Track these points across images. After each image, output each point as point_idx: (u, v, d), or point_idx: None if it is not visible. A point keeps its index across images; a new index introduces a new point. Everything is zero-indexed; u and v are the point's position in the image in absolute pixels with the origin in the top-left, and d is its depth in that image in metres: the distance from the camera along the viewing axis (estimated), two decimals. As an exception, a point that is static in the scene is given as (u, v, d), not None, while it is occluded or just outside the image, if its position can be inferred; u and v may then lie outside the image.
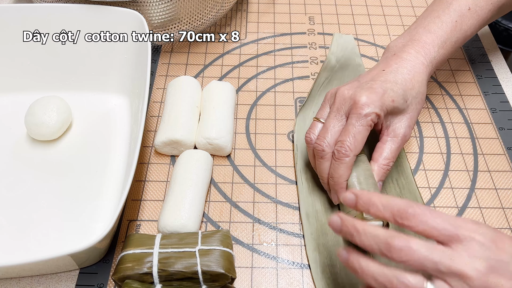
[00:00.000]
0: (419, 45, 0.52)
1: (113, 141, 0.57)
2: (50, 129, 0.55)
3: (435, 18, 0.54)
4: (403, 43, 0.53)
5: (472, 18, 0.54)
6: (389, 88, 0.48)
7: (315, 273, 0.46)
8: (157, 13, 0.61)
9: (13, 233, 0.49)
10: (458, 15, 0.53)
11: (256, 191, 0.54)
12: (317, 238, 0.49)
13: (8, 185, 0.53)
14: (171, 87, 0.60)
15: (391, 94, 0.48)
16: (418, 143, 0.59)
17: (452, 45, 0.53)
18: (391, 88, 0.48)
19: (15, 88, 0.61)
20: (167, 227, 0.47)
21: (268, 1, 0.79)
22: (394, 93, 0.48)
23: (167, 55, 0.69)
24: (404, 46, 0.52)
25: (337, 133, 0.48)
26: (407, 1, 0.79)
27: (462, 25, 0.53)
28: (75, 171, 0.54)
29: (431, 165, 0.56)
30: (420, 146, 0.58)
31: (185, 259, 0.44)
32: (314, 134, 0.49)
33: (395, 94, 0.48)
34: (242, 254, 0.49)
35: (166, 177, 0.55)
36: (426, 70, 0.51)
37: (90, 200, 0.51)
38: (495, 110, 0.62)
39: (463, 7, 0.54)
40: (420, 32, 0.53)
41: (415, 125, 0.51)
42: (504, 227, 0.51)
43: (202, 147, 0.55)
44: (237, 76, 0.66)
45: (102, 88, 0.62)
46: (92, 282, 0.46)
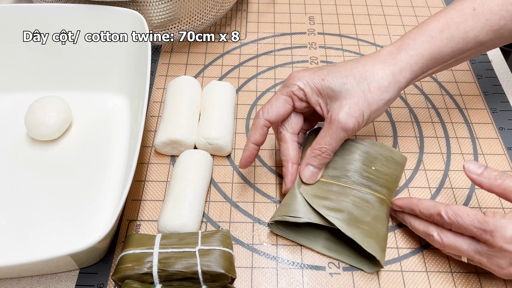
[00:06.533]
0: (402, 38, 0.49)
1: (113, 141, 0.57)
2: (50, 129, 0.55)
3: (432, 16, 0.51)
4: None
5: (476, 19, 0.48)
6: (326, 68, 0.48)
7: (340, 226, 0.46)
8: (157, 13, 0.61)
9: (13, 233, 0.49)
10: (458, 14, 0.49)
11: (256, 191, 0.54)
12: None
13: (8, 185, 0.53)
14: (171, 87, 0.60)
15: (324, 73, 0.47)
16: (418, 143, 0.59)
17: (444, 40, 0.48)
18: (329, 69, 0.48)
19: (15, 88, 0.61)
20: (167, 227, 0.47)
21: (268, 1, 0.79)
22: (327, 72, 0.47)
23: (167, 55, 0.69)
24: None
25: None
26: (407, 1, 0.79)
27: (461, 24, 0.48)
28: (75, 171, 0.54)
29: (431, 165, 0.56)
30: (420, 146, 0.58)
31: (185, 259, 0.44)
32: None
33: (328, 73, 0.47)
34: (242, 254, 0.49)
35: (166, 177, 0.55)
36: (387, 59, 0.47)
37: (90, 200, 0.51)
38: (495, 110, 0.62)
39: (466, 6, 0.49)
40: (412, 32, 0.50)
41: (364, 117, 0.46)
42: (504, 227, 0.51)
43: (202, 147, 0.55)
44: (237, 76, 0.66)
45: (102, 88, 0.62)
46: (92, 282, 0.46)
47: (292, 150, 0.49)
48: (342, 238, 0.48)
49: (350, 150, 0.51)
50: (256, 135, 0.49)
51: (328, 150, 0.47)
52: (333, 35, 0.73)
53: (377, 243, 0.45)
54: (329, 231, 0.49)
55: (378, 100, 0.46)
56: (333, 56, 0.69)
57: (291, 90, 0.48)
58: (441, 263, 0.48)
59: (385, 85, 0.46)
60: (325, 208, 0.46)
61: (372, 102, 0.46)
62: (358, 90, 0.46)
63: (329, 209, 0.46)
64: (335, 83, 0.46)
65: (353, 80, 0.46)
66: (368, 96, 0.46)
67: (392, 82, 0.46)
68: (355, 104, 0.46)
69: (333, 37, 0.72)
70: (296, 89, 0.48)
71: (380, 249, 0.45)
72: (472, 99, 0.64)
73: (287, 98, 0.48)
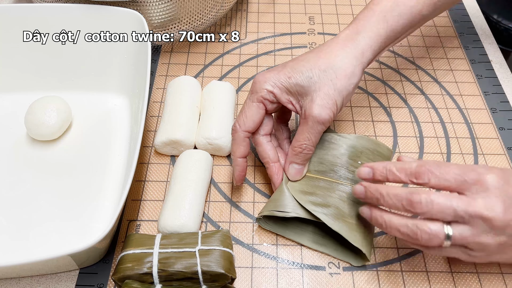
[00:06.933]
0: (354, 22, 0.51)
1: (113, 141, 0.57)
2: (50, 129, 0.55)
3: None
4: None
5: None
6: (290, 65, 0.48)
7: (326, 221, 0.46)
8: (157, 13, 0.61)
9: (13, 233, 0.49)
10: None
11: (256, 191, 0.54)
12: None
13: (8, 185, 0.53)
14: (171, 87, 0.60)
15: (288, 70, 0.47)
16: (418, 143, 0.59)
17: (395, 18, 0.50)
18: (292, 65, 0.48)
19: (15, 88, 0.61)
20: (167, 227, 0.47)
21: (268, 1, 0.79)
22: (292, 69, 0.47)
23: (167, 55, 0.69)
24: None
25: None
26: (407, 1, 0.79)
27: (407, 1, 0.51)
28: (75, 171, 0.54)
29: (431, 165, 0.56)
30: (420, 146, 0.58)
31: (185, 259, 0.44)
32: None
33: (293, 70, 0.47)
34: (242, 254, 0.49)
35: (166, 177, 0.55)
36: (347, 44, 0.48)
37: (90, 200, 0.51)
38: (495, 110, 0.62)
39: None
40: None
41: (338, 105, 0.46)
42: (504, 227, 0.51)
43: (202, 147, 0.55)
44: (237, 76, 0.66)
45: (102, 88, 0.62)
46: (92, 282, 0.46)
47: (269, 151, 0.49)
48: (329, 232, 0.49)
49: (336, 145, 0.51)
50: (241, 149, 0.49)
51: (309, 145, 0.47)
52: (333, 35, 0.73)
53: (363, 237, 0.46)
54: (316, 225, 0.50)
55: (347, 86, 0.47)
56: (333, 56, 0.69)
57: (260, 95, 0.47)
58: (441, 263, 0.48)
59: (351, 69, 0.47)
60: (311, 204, 0.47)
61: (342, 89, 0.46)
62: (326, 80, 0.46)
63: (316, 205, 0.47)
64: (302, 79, 0.47)
65: (319, 71, 0.47)
66: (337, 84, 0.46)
67: (357, 65, 0.47)
68: (326, 94, 0.46)
69: (333, 37, 0.72)
70: (266, 93, 0.47)
71: (365, 243, 0.46)
72: (472, 99, 0.64)
73: (259, 104, 0.48)
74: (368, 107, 0.62)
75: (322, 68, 0.47)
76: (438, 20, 0.76)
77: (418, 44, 0.72)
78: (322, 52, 0.48)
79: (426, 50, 0.71)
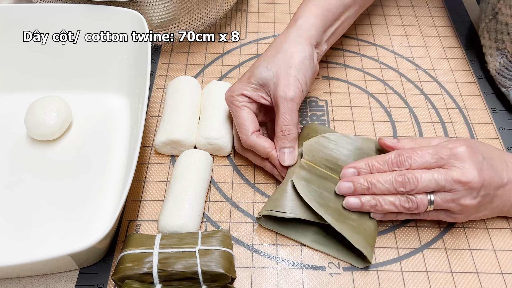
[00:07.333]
0: (292, 18, 0.56)
1: (113, 141, 0.57)
2: (50, 129, 0.55)
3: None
4: None
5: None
6: (248, 71, 0.53)
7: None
8: (157, 13, 0.61)
9: (13, 233, 0.49)
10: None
11: (256, 191, 0.54)
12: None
13: (8, 185, 0.53)
14: (171, 87, 0.60)
15: (247, 74, 0.52)
16: (418, 143, 0.58)
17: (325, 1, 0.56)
18: (249, 70, 0.53)
19: (15, 88, 0.61)
20: (167, 227, 0.47)
21: (268, 1, 0.79)
22: (250, 71, 0.52)
23: (167, 55, 0.69)
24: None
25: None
26: (407, 1, 0.79)
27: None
28: (75, 171, 0.54)
29: (431, 165, 0.56)
30: (420, 146, 0.58)
31: (185, 259, 0.44)
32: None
33: (250, 71, 0.52)
34: (242, 254, 0.49)
35: (166, 177, 0.55)
36: (288, 30, 0.54)
37: (90, 200, 0.51)
38: (495, 110, 0.62)
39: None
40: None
41: (300, 80, 0.50)
42: (504, 227, 0.51)
43: (202, 147, 0.55)
44: (237, 76, 0.66)
45: (102, 88, 0.62)
46: (92, 282, 0.46)
47: (265, 142, 0.51)
48: (330, 232, 0.49)
49: (342, 146, 0.51)
50: (265, 144, 0.51)
51: (288, 125, 0.50)
52: (333, 35, 0.73)
53: (365, 239, 0.46)
54: (318, 225, 0.50)
55: (302, 60, 0.51)
56: (333, 56, 0.69)
57: (237, 102, 0.51)
58: (441, 263, 0.48)
59: (298, 46, 0.52)
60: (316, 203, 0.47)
61: (297, 64, 0.51)
62: (280, 63, 0.51)
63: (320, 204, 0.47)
64: (260, 71, 0.51)
65: (273, 58, 0.51)
66: (292, 62, 0.50)
67: (302, 41, 0.52)
68: (286, 74, 0.50)
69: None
70: (240, 98, 0.51)
71: (367, 245, 0.46)
72: (472, 99, 0.64)
73: (242, 108, 0.51)
74: (368, 107, 0.62)
75: (273, 54, 0.51)
76: (438, 20, 0.76)
77: (418, 44, 0.72)
78: (269, 47, 0.54)
79: (426, 50, 0.71)
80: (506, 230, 0.50)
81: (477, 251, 0.49)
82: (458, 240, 0.50)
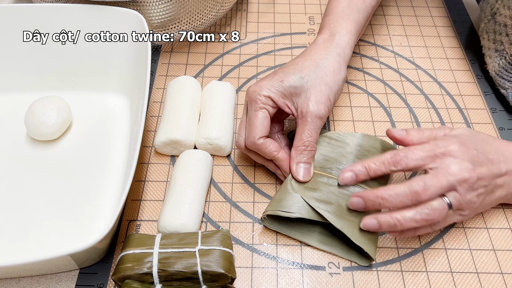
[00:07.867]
0: (325, 27, 0.56)
1: (113, 141, 0.57)
2: (50, 129, 0.55)
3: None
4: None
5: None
6: (280, 71, 0.51)
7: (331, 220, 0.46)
8: (157, 13, 0.61)
9: (13, 234, 0.49)
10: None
11: (256, 191, 0.54)
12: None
13: (8, 185, 0.53)
14: (171, 87, 0.60)
15: (280, 75, 0.50)
16: (418, 143, 0.58)
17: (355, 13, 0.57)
18: (283, 70, 0.51)
19: (15, 88, 0.61)
20: (167, 227, 0.47)
21: (268, 1, 0.79)
22: (283, 74, 0.50)
23: (167, 55, 0.69)
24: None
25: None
26: (407, 1, 0.79)
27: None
28: (75, 171, 0.54)
29: (431, 165, 0.56)
30: (420, 146, 0.58)
31: (185, 259, 0.44)
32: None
33: (284, 74, 0.50)
34: (242, 254, 0.49)
35: (166, 177, 0.55)
36: (327, 45, 0.53)
37: (90, 200, 0.51)
38: (495, 110, 0.62)
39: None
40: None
41: (331, 100, 0.50)
42: (504, 227, 0.51)
43: (202, 147, 0.55)
44: (237, 76, 0.66)
45: (102, 88, 0.62)
46: (92, 282, 0.46)
47: (271, 146, 0.50)
48: (335, 232, 0.49)
49: (343, 143, 0.51)
50: (272, 146, 0.50)
51: (311, 142, 0.49)
52: (333, 35, 0.73)
53: (367, 237, 0.46)
54: (322, 225, 0.50)
55: (337, 81, 0.51)
56: (333, 56, 0.69)
57: (261, 102, 0.50)
58: (441, 263, 0.48)
59: (337, 66, 0.52)
60: (315, 200, 0.47)
61: (332, 84, 0.50)
62: (317, 78, 0.50)
63: (319, 201, 0.47)
64: (295, 80, 0.50)
65: (309, 71, 0.50)
66: (327, 80, 0.50)
67: (341, 61, 0.52)
68: (319, 91, 0.49)
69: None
70: (264, 99, 0.50)
71: (369, 242, 0.46)
72: (472, 99, 0.64)
73: (263, 111, 0.50)
74: (368, 107, 0.62)
75: (311, 68, 0.51)
76: (438, 20, 0.76)
77: (418, 44, 0.72)
78: (306, 56, 0.52)
79: (426, 50, 0.71)
80: (506, 230, 0.51)
81: (477, 251, 0.49)
82: (458, 240, 0.50)
